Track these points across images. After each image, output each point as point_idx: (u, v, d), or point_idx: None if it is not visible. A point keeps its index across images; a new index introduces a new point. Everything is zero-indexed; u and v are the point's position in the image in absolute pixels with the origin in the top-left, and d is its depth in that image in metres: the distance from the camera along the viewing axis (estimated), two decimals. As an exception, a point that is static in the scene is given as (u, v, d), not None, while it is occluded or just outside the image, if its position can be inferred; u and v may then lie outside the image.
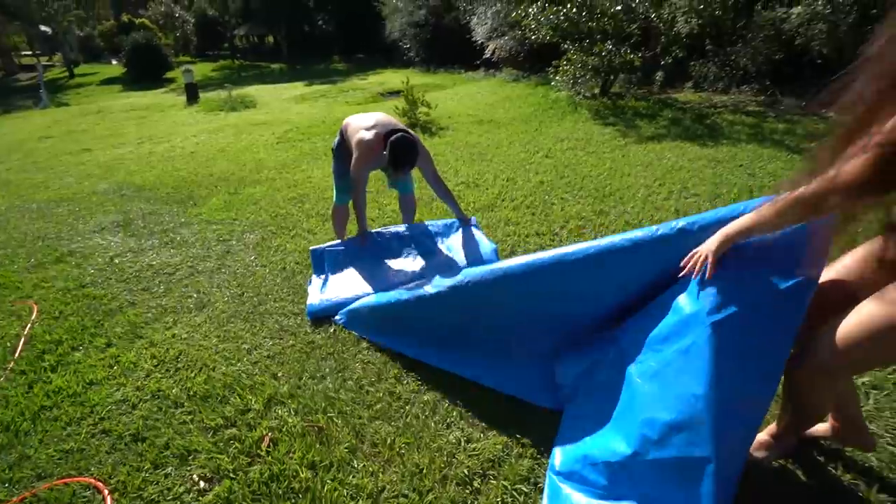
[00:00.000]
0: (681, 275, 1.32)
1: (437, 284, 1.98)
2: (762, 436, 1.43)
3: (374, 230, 3.01)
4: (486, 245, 2.67)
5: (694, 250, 1.30)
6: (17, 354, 2.43)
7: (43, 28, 25.48)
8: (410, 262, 2.77)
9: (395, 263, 2.78)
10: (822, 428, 1.45)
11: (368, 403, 1.87)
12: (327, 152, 6.07)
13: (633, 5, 7.04)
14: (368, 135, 2.56)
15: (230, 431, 1.80)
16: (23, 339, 2.55)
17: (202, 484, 1.59)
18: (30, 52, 31.31)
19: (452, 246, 2.79)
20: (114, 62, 29.47)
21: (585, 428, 1.49)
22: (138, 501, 1.55)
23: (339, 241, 3.01)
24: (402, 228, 3.01)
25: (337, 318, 2.44)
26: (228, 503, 1.51)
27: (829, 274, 1.24)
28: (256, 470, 1.61)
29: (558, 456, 1.49)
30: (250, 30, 31.30)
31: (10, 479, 1.68)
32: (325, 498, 1.49)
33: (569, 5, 7.29)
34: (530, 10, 8.01)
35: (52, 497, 1.59)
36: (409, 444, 1.66)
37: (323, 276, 2.78)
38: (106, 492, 1.58)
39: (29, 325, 2.68)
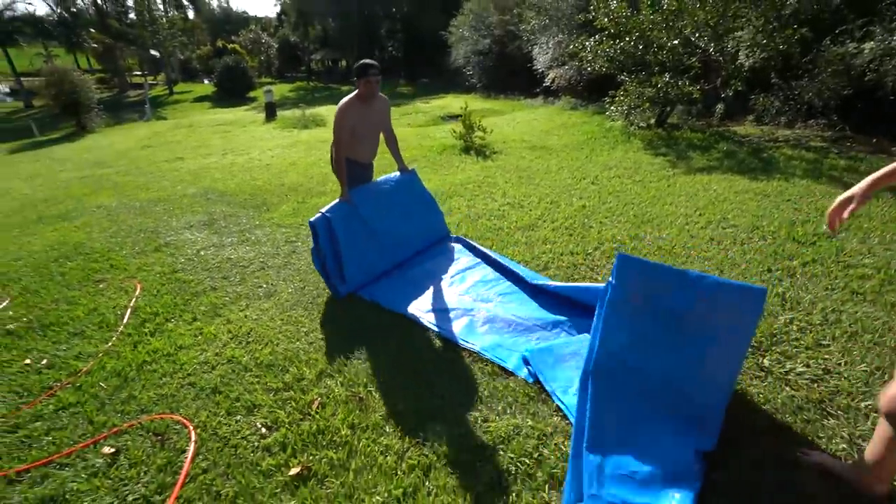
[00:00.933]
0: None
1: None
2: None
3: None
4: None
5: (844, 194, 1.41)
6: (125, 320, 2.98)
7: (152, 52, 28.99)
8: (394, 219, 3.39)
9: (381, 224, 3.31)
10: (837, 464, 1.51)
11: (403, 383, 2.17)
12: (386, 170, 6.59)
13: (693, 39, 7.10)
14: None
15: (287, 394, 2.16)
16: (129, 310, 3.11)
17: (264, 430, 1.95)
18: (139, 73, 35.66)
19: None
20: (206, 81, 32.87)
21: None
22: (215, 437, 1.93)
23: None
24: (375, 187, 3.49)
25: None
26: (283, 446, 1.85)
27: None
28: (307, 424, 1.95)
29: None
30: (326, 55, 33.85)
31: (122, 410, 2.14)
32: (360, 451, 1.79)
33: (627, 38, 7.47)
34: (587, 42, 8.26)
35: (152, 427, 2.02)
36: (433, 418, 1.93)
37: (325, 253, 3.05)
38: (191, 427, 1.98)
39: (134, 299, 3.25)
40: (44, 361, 2.60)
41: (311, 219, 3.03)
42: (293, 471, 1.72)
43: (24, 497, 1.72)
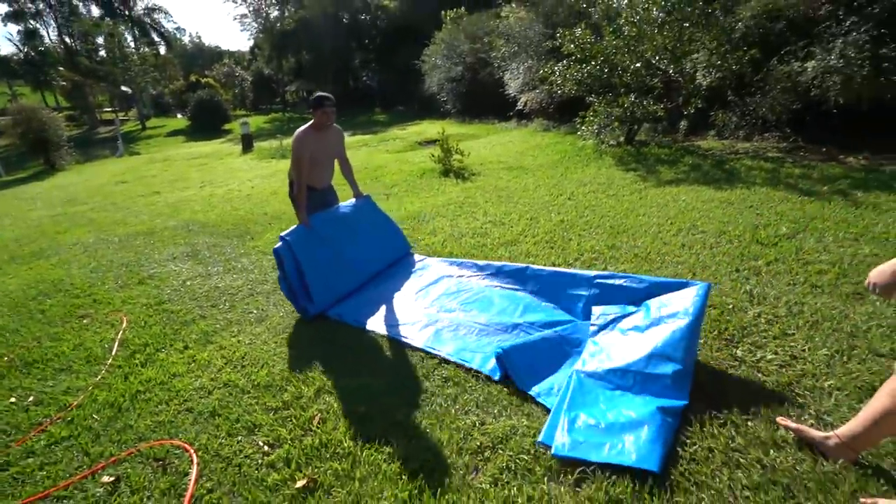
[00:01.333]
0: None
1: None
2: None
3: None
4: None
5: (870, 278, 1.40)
6: (114, 353, 2.96)
7: (123, 88, 28.83)
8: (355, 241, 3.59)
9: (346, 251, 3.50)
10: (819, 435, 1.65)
11: (401, 394, 2.23)
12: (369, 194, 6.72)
13: (654, 61, 7.57)
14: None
15: (287, 412, 2.19)
16: (117, 342, 3.09)
17: (266, 448, 1.98)
18: (109, 109, 35.31)
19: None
20: (179, 116, 32.75)
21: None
22: (217, 458, 1.95)
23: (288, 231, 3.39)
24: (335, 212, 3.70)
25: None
26: (287, 461, 1.88)
27: None
28: (309, 439, 1.99)
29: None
30: (300, 86, 34.23)
31: (119, 440, 2.13)
32: (364, 460, 1.84)
33: (592, 62, 7.90)
34: (556, 67, 8.69)
35: (151, 453, 2.02)
36: (432, 425, 2.00)
37: (291, 279, 3.17)
38: (192, 450, 1.99)
39: (121, 332, 3.23)
40: (30, 398, 2.56)
41: (275, 247, 3.16)
42: (299, 483, 1.76)
43: (23, 531, 1.70)
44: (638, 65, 7.54)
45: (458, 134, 11.63)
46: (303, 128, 3.31)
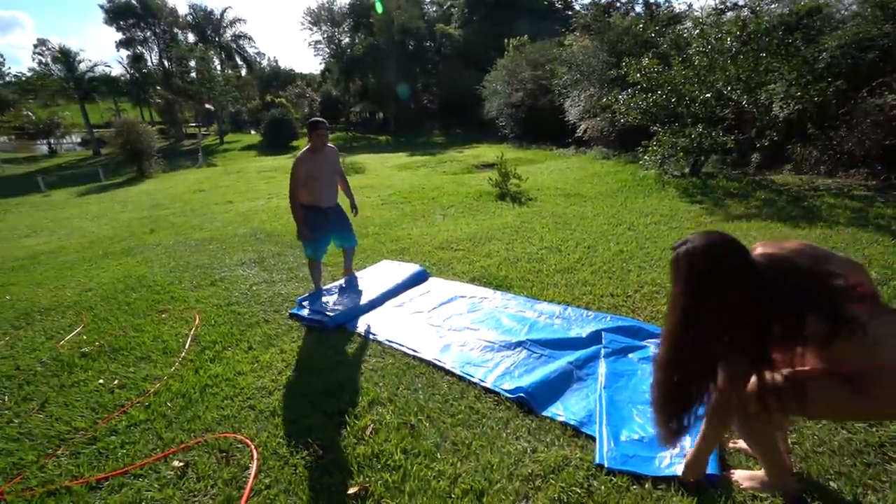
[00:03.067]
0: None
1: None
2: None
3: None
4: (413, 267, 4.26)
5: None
6: (187, 347, 3.19)
7: (207, 106, 31.63)
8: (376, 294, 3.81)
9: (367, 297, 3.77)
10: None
11: (452, 413, 2.24)
12: (426, 214, 6.91)
13: (725, 92, 7.30)
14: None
15: (341, 419, 2.26)
16: (190, 337, 3.33)
17: (321, 451, 2.04)
18: (194, 124, 38.79)
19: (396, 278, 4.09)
20: (252, 132, 35.35)
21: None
22: (275, 456, 2.04)
23: (315, 290, 3.92)
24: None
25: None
26: (339, 466, 1.94)
27: None
28: (362, 448, 2.04)
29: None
30: (364, 107, 35.99)
31: (188, 429, 2.29)
32: (414, 475, 1.86)
33: (659, 92, 7.73)
34: (620, 96, 8.58)
35: (216, 444, 2.15)
36: (483, 447, 1.98)
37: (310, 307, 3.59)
38: (252, 446, 2.10)
39: (193, 328, 3.48)
40: (115, 382, 2.80)
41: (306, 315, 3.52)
42: (351, 490, 1.80)
43: (104, 502, 1.85)
44: (708, 95, 7.29)
45: (515, 158, 11.69)
46: (301, 152, 3.69)
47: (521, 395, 2.28)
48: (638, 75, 8.00)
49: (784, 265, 1.33)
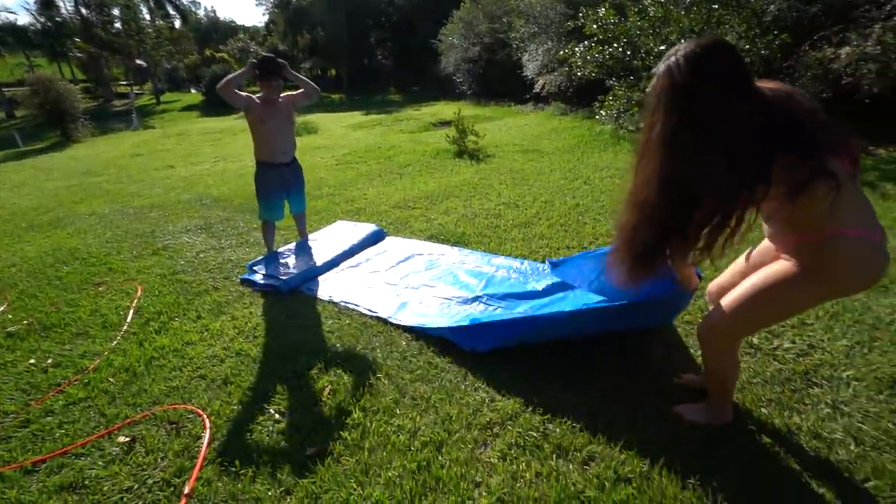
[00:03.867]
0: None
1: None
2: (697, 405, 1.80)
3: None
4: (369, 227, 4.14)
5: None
6: (129, 320, 3.00)
7: (138, 61, 28.84)
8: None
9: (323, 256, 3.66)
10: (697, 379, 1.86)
11: (410, 369, 2.24)
12: (382, 173, 6.71)
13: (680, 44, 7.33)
14: None
15: (298, 382, 2.21)
16: (132, 310, 3.13)
17: (277, 416, 2.00)
18: (124, 82, 35.41)
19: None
20: (193, 91, 32.76)
21: None
22: (229, 423, 1.98)
23: (267, 254, 3.76)
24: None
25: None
26: (297, 429, 1.90)
27: (726, 273, 1.74)
28: (319, 409, 2.01)
29: None
30: (315, 63, 33.96)
31: (134, 403, 2.17)
32: (373, 431, 1.85)
33: (615, 44, 7.68)
34: (577, 49, 8.46)
35: (165, 416, 2.05)
36: (442, 399, 2.00)
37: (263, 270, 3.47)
38: (204, 415, 2.02)
39: (136, 300, 3.27)
40: (49, 361, 2.61)
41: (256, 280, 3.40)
42: (309, 451, 1.78)
43: (42, 485, 1.74)
44: (663, 47, 7.29)
45: (473, 115, 11.46)
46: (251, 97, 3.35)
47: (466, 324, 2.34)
48: (594, 27, 7.88)
49: (790, 99, 1.21)
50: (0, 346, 2.78)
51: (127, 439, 1.93)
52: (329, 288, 3.23)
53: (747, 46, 6.83)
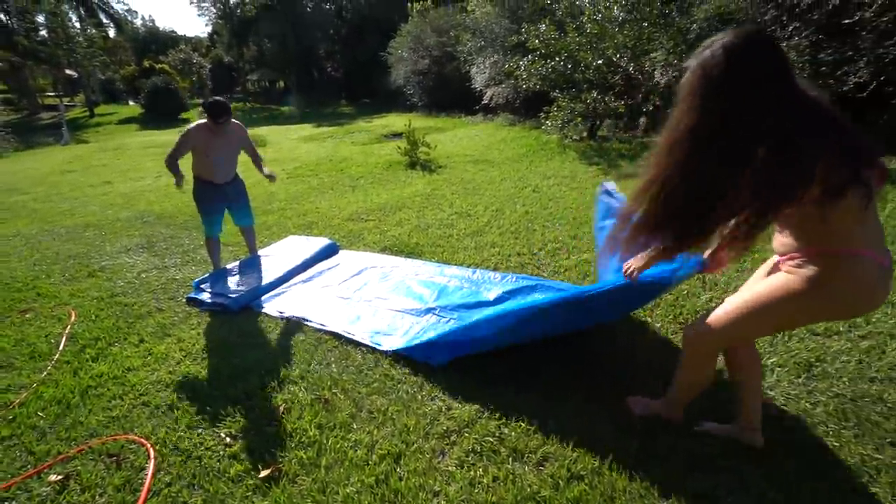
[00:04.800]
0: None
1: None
2: (654, 401, 1.85)
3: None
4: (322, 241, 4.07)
5: (627, 263, 1.61)
6: (61, 348, 2.80)
7: (68, 72, 26.98)
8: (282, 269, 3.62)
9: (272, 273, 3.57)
10: (724, 428, 1.74)
11: (367, 382, 2.23)
12: (334, 186, 6.63)
13: (615, 59, 7.78)
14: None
15: (250, 402, 2.15)
16: (64, 337, 2.92)
17: (228, 440, 1.93)
18: (53, 94, 32.97)
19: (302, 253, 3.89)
20: (131, 103, 30.99)
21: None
22: (176, 452, 1.88)
23: (214, 271, 3.70)
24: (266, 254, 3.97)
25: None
26: (250, 452, 1.84)
27: None
28: (273, 429, 1.96)
29: None
30: (262, 75, 33.14)
31: (68, 437, 2.03)
32: (330, 448, 1.83)
33: (556, 59, 8.05)
34: (521, 62, 8.79)
35: (104, 450, 1.93)
36: (399, 411, 2.00)
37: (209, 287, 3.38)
38: (148, 445, 1.92)
39: (69, 327, 3.05)
40: (-33, 398, 2.39)
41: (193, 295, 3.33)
42: (263, 473, 1.73)
43: (-39, 534, 1.59)
44: (600, 62, 7.72)
45: (424, 127, 11.58)
46: (194, 124, 3.32)
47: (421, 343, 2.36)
48: (537, 41, 8.23)
49: (823, 101, 1.16)
50: None
51: (60, 477, 1.79)
52: (280, 304, 3.16)
53: (675, 62, 7.37)
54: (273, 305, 3.14)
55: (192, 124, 3.31)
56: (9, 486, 1.78)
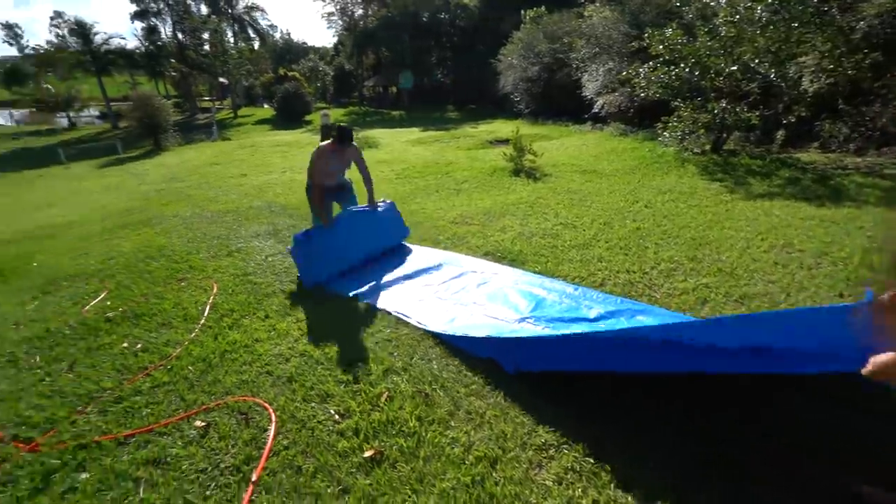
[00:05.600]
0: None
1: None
2: None
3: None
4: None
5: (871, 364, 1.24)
6: (205, 314, 3.26)
7: (221, 79, 31.48)
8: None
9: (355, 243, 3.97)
10: None
11: (466, 383, 2.27)
12: (439, 189, 6.86)
13: (753, 65, 7.00)
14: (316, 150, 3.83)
15: (357, 386, 2.31)
16: (208, 305, 3.40)
17: (337, 417, 2.10)
18: (207, 98, 38.74)
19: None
20: (266, 106, 35.18)
21: None
22: (293, 419, 2.10)
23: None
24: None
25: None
26: (356, 432, 1.98)
27: None
28: (377, 414, 2.08)
29: None
30: (378, 81, 35.49)
31: (209, 391, 2.36)
32: (428, 441, 1.90)
33: (682, 65, 7.46)
34: (641, 69, 8.30)
35: (236, 406, 2.21)
36: (496, 416, 2.01)
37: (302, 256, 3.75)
38: (271, 409, 2.16)
39: (212, 297, 3.54)
40: (138, 346, 2.89)
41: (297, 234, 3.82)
42: (367, 453, 1.85)
43: (132, 458, 1.93)
44: (734, 68, 7.00)
45: (530, 134, 11.46)
46: (323, 144, 3.85)
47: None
48: (661, 47, 7.71)
49: None
50: (101, 330, 3.12)
51: (203, 424, 2.10)
52: (384, 299, 3.33)
53: (831, 66, 6.41)
54: (377, 299, 3.32)
55: (319, 146, 3.84)
56: (167, 424, 2.13)
